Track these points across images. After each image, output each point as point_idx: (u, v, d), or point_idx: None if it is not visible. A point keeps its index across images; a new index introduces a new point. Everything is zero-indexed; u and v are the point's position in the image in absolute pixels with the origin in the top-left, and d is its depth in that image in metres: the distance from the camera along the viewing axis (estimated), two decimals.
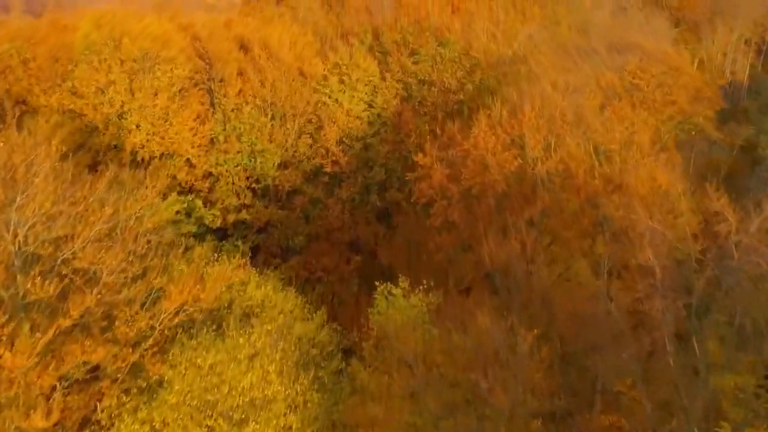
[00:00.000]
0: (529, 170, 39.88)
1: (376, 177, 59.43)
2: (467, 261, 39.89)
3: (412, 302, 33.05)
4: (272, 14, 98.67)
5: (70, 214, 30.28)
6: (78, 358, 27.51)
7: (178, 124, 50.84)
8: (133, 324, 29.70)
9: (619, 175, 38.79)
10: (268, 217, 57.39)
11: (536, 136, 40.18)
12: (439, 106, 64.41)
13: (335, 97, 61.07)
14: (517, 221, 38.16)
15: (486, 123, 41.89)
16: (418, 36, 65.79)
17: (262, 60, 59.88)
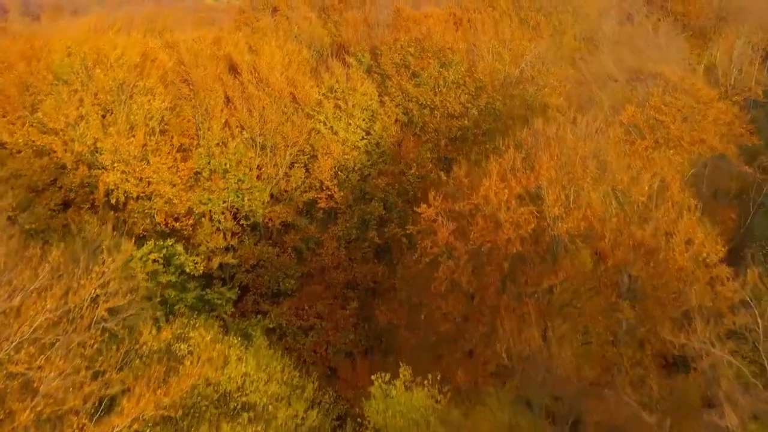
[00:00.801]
0: (548, 230, 34.07)
1: (375, 212, 53.63)
2: (477, 335, 34.11)
3: (414, 400, 27.32)
4: (266, 25, 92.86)
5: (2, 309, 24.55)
6: None
7: (156, 162, 44.97)
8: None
9: (651, 236, 32.98)
10: (258, 256, 51.68)
11: (555, 189, 34.36)
12: (442, 132, 58.56)
13: (330, 125, 55.22)
14: (535, 290, 32.43)
15: (497, 172, 35.98)
16: (419, 57, 59.74)
17: (251, 86, 53.95)
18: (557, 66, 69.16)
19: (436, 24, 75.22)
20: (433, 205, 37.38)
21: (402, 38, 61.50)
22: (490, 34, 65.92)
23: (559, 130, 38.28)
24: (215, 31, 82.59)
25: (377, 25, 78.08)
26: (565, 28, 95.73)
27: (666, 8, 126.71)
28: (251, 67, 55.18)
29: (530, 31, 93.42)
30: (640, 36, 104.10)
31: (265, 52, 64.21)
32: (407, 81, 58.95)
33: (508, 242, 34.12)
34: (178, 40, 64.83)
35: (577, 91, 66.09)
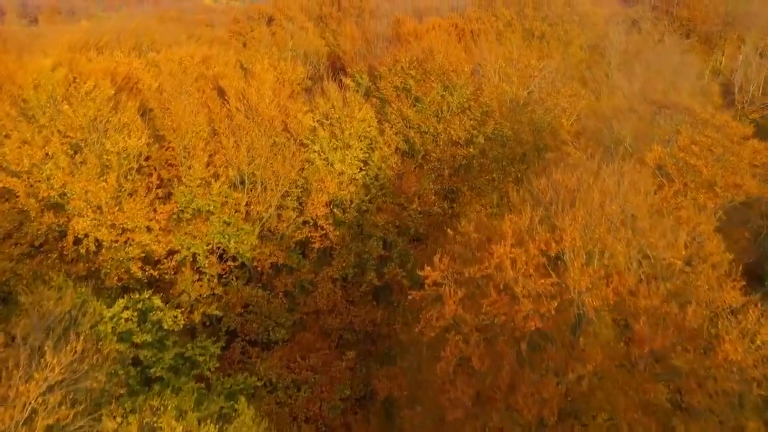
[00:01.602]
0: (573, 307, 28.77)
1: (373, 252, 48.34)
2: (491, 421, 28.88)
3: None
4: (262, 34, 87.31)
5: None
6: None
7: (131, 208, 39.58)
8: None
9: (692, 317, 27.70)
10: (246, 300, 46.46)
11: (580, 258, 29.03)
12: (446, 161, 53.22)
13: (325, 156, 49.86)
14: (560, 381, 27.19)
15: (512, 231, 30.63)
16: (421, 80, 54.28)
17: (239, 115, 48.54)
18: (566, 84, 63.70)
19: (437, 38, 69.73)
20: (439, 268, 32.00)
21: (402, 59, 55.97)
22: (496, 53, 60.31)
23: (581, 180, 32.83)
24: (205, 48, 77.22)
25: (376, 39, 72.49)
26: (571, 38, 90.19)
27: (671, 13, 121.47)
28: (240, 94, 49.68)
29: (536, 41, 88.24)
30: (648, 46, 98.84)
31: (256, 71, 58.85)
32: (408, 107, 53.55)
33: (525, 318, 28.81)
34: (165, 59, 59.43)
35: (588, 114, 60.67)
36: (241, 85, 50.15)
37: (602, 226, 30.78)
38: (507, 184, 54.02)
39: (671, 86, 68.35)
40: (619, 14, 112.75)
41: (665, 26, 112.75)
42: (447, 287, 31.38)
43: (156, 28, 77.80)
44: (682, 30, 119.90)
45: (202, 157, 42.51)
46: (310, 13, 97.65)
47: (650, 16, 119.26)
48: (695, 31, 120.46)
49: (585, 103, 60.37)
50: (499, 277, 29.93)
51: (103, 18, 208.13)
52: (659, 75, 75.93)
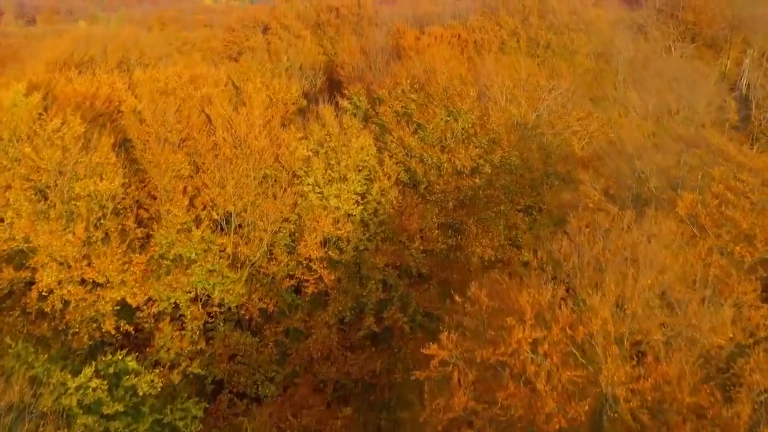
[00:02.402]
0: (607, 410, 23.96)
1: (372, 296, 43.50)
2: None
3: None
4: (257, 44, 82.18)
5: None
6: None
7: (100, 264, 34.68)
8: None
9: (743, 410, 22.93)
10: (234, 349, 41.68)
11: (612, 347, 24.23)
12: (450, 194, 48.34)
13: (320, 190, 44.96)
14: None
15: (531, 307, 25.79)
16: (423, 104, 49.32)
17: (226, 147, 43.62)
18: (577, 104, 58.70)
19: (440, 53, 64.72)
20: (446, 346, 27.18)
21: (403, 80, 50.98)
22: (503, 72, 55.25)
23: (607, 244, 27.98)
24: (197, 58, 72.26)
25: (376, 53, 67.35)
26: (577, 47, 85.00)
27: (676, 17, 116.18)
28: (227, 123, 44.71)
29: (541, 50, 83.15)
30: (656, 54, 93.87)
31: (248, 91, 54.05)
32: (410, 134, 48.54)
33: (548, 417, 24.01)
34: (150, 79, 54.49)
35: (600, 135, 55.75)
36: (229, 113, 45.11)
37: (635, 302, 25.97)
38: (516, 216, 49.35)
39: (687, 104, 63.35)
40: (624, 20, 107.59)
41: (672, 31, 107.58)
42: (456, 370, 26.59)
43: (146, 40, 72.64)
44: (687, 34, 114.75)
45: (182, 201, 37.60)
46: (307, 20, 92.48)
47: (655, 19, 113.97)
48: (701, 36, 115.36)
49: (597, 126, 55.33)
50: (517, 364, 25.10)
51: (103, 17, 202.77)
52: (671, 89, 70.94)
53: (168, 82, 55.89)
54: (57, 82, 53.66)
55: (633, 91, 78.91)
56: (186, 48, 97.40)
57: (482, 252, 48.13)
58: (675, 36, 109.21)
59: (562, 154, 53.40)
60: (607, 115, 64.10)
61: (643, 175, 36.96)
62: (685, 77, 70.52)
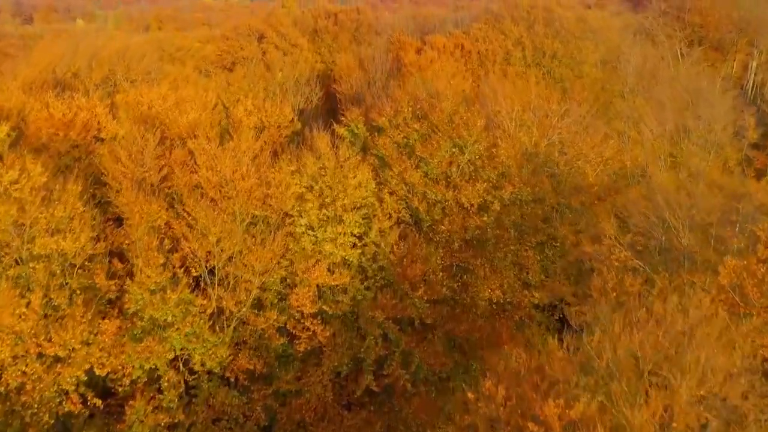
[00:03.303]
0: None
1: (371, 353, 38.67)
2: None
3: None
4: (251, 53, 76.94)
5: None
6: None
7: (62, 334, 29.79)
8: None
9: None
10: (218, 411, 36.90)
11: None
12: (456, 233, 43.34)
13: (314, 234, 40.06)
14: None
15: (559, 418, 20.99)
16: (426, 135, 44.35)
17: (210, 188, 38.64)
18: (590, 125, 53.69)
19: (442, 69, 59.69)
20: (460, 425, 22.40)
21: (404, 108, 45.92)
22: (512, 95, 50.13)
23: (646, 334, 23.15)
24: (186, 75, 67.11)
25: (375, 69, 62.15)
26: (584, 56, 79.79)
27: (682, 19, 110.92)
28: (211, 160, 39.67)
29: (547, 60, 77.99)
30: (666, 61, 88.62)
31: (238, 116, 49.03)
32: (412, 168, 43.53)
33: None
34: (134, 103, 49.46)
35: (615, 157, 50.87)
36: (214, 150, 40.05)
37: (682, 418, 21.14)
38: (527, 256, 44.49)
39: (705, 125, 58.28)
40: (632, 25, 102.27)
41: (678, 35, 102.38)
42: None
43: (134, 52, 67.35)
44: (693, 36, 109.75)
45: (157, 259, 32.61)
46: (304, 27, 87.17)
47: (661, 21, 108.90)
48: (707, 39, 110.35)
49: (612, 152, 50.32)
50: None
51: (101, 15, 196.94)
52: (682, 99, 65.83)
53: (152, 105, 50.85)
54: (32, 108, 48.68)
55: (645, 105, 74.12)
56: (180, 54, 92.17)
57: (490, 294, 43.32)
58: (681, 38, 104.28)
59: (574, 182, 48.54)
60: (620, 135, 59.25)
61: (675, 229, 31.94)
62: (700, 90, 65.28)
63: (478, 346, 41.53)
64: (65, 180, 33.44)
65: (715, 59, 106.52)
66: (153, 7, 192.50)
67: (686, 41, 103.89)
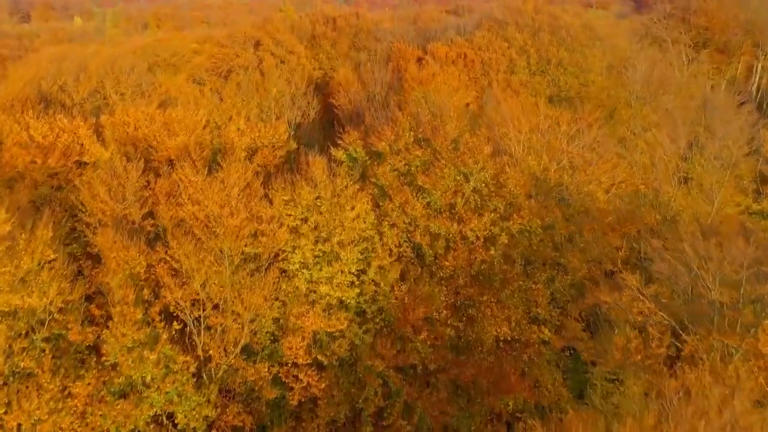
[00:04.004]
0: None
1: (371, 404, 35.32)
2: None
3: None
4: (246, 62, 73.25)
5: None
6: None
7: (27, 404, 26.37)
8: None
9: None
10: None
11: None
12: (462, 269, 39.88)
13: (309, 273, 36.66)
14: None
15: None
16: (429, 162, 40.87)
17: (196, 226, 35.17)
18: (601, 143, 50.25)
19: (445, 83, 56.09)
20: None
21: (405, 133, 42.37)
22: (519, 115, 46.59)
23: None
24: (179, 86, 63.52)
25: (374, 83, 58.48)
26: (590, 65, 76.02)
27: (688, 21, 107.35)
28: (198, 195, 36.16)
29: (552, 68, 74.22)
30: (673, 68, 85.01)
31: (230, 137, 45.59)
32: (414, 198, 39.99)
33: None
34: (120, 123, 45.95)
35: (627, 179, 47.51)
36: (200, 183, 36.54)
37: None
38: (536, 291, 41.10)
39: (721, 144, 54.73)
40: (638, 30, 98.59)
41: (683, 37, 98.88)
42: None
43: (123, 63, 63.70)
44: (699, 38, 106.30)
45: (134, 314, 29.13)
46: (302, 33, 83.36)
47: (667, 24, 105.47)
48: (713, 41, 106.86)
49: (625, 175, 46.88)
50: None
51: (99, 13, 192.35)
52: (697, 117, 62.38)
53: (138, 126, 47.31)
54: (10, 130, 45.12)
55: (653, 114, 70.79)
56: (174, 60, 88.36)
57: (497, 331, 39.92)
58: (687, 41, 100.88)
59: (584, 206, 45.24)
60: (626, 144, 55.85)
61: (703, 281, 28.51)
62: (714, 104, 61.76)
63: (485, 391, 38.18)
64: (34, 225, 29.88)
65: (720, 62, 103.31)
66: (151, 5, 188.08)
67: (692, 43, 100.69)
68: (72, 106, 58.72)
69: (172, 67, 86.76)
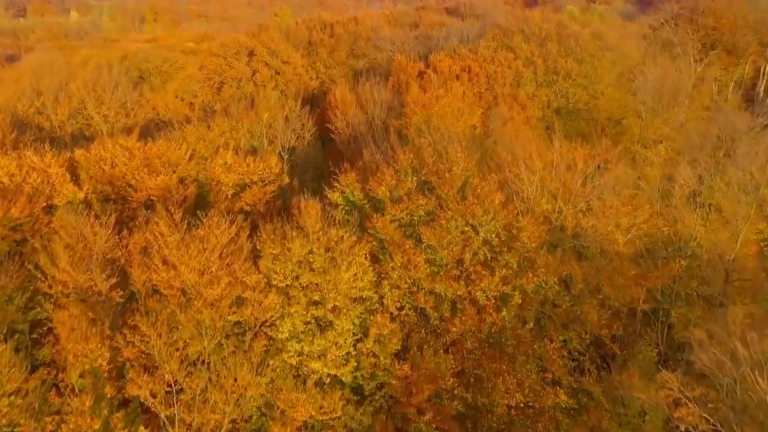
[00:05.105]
0: None
1: None
2: None
3: None
4: (240, 73, 68.03)
5: None
6: None
7: None
8: None
9: None
10: None
11: None
12: (470, 335, 35.04)
13: (298, 347, 31.88)
14: None
15: None
16: (434, 213, 35.90)
17: (171, 298, 30.28)
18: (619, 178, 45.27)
19: (449, 105, 50.99)
20: None
21: (408, 177, 37.37)
22: (531, 151, 41.54)
23: None
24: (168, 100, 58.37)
25: (374, 105, 53.24)
26: (600, 76, 70.80)
27: (696, 22, 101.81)
28: (173, 264, 31.19)
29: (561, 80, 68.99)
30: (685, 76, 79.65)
31: (215, 172, 40.79)
32: (418, 255, 35.04)
33: None
34: (95, 159, 40.99)
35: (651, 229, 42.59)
36: (176, 243, 31.57)
37: None
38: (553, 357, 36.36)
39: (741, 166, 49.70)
40: (647, 34, 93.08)
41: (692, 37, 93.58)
42: None
43: (108, 79, 58.38)
44: (707, 39, 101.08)
45: (91, 425, 24.27)
46: (298, 40, 77.93)
47: (674, 26, 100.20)
48: (721, 42, 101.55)
49: (646, 216, 41.89)
50: None
51: (95, 6, 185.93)
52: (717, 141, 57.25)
53: (116, 163, 42.29)
54: None
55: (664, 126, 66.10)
56: (166, 67, 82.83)
57: (509, 399, 35.18)
58: (695, 41, 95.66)
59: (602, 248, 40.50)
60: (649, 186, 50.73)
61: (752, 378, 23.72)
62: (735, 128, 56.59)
63: None
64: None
65: (728, 63, 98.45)
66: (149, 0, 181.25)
67: (700, 44, 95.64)
68: (51, 129, 53.63)
69: (164, 75, 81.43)
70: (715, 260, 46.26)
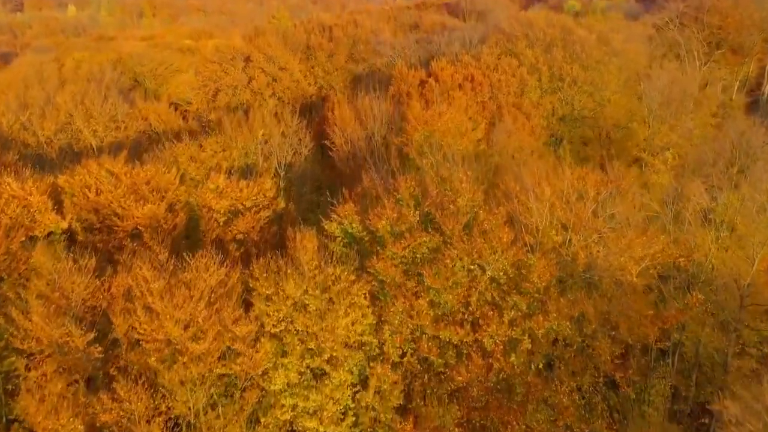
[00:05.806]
0: None
1: None
2: None
3: None
4: (236, 81, 64.93)
5: None
6: None
7: None
8: None
9: None
10: None
11: None
12: (477, 383, 32.27)
13: (291, 402, 29.10)
14: None
15: None
16: (438, 251, 33.02)
17: (152, 352, 27.46)
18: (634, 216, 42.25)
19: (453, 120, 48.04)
20: None
21: (409, 211, 34.41)
22: (539, 177, 38.58)
23: None
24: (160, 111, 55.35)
25: (374, 120, 50.16)
26: (606, 82, 67.64)
27: (701, 20, 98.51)
28: (156, 311, 28.34)
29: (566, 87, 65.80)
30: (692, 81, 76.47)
31: (205, 199, 37.86)
32: (421, 299, 32.20)
33: None
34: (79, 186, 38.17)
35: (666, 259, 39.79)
36: (159, 289, 28.71)
37: None
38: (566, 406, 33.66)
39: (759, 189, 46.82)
40: (653, 36, 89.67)
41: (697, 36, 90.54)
42: None
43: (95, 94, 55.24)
44: (712, 38, 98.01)
45: None
46: (296, 44, 74.57)
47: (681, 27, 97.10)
48: (726, 41, 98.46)
49: (660, 247, 38.94)
50: None
51: (92, 2, 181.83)
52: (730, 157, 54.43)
53: (101, 190, 39.34)
54: None
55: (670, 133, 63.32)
56: (160, 71, 79.73)
57: None
58: (700, 40, 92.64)
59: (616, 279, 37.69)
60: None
61: None
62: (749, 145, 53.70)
63: None
64: None
65: (734, 62, 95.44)
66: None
67: (705, 43, 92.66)
68: (37, 146, 50.61)
69: (159, 78, 78.36)
70: (730, 284, 43.55)
